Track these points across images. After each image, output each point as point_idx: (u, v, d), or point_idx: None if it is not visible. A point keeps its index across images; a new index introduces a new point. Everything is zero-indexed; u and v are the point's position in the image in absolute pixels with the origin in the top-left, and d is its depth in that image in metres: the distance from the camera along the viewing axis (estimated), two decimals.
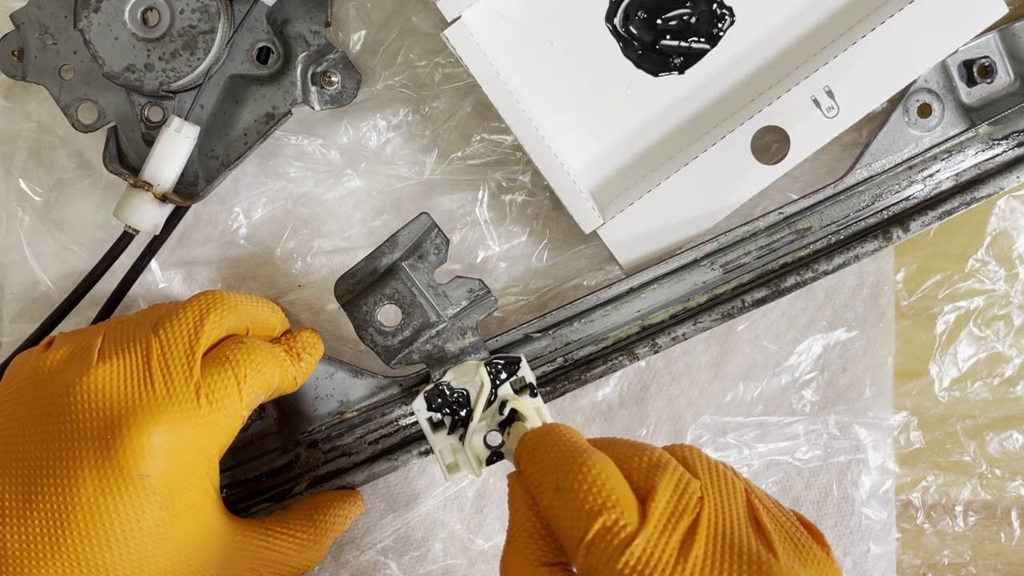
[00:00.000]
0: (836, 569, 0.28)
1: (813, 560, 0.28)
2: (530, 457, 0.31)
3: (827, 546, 0.29)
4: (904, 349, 0.45)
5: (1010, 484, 0.45)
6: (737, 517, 0.28)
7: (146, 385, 0.33)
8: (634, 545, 0.26)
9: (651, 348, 0.41)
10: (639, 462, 0.29)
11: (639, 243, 0.41)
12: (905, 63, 0.40)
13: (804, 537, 0.29)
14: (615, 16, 0.41)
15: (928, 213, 0.41)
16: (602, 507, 0.27)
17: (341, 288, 0.39)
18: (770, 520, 0.28)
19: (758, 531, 0.28)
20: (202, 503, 0.34)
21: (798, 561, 0.27)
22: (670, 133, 0.42)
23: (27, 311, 0.44)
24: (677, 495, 0.28)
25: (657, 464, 0.29)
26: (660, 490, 0.28)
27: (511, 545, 0.30)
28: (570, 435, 0.31)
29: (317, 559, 0.39)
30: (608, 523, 0.27)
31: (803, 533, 0.29)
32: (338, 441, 0.41)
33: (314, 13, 0.40)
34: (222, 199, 0.44)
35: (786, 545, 0.28)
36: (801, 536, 0.29)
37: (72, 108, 0.40)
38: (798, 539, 0.28)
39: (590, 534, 0.27)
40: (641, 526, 0.27)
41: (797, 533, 0.29)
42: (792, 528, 0.29)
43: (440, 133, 0.44)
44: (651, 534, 0.27)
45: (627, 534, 0.27)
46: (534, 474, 0.30)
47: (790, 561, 0.27)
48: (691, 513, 0.27)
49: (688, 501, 0.28)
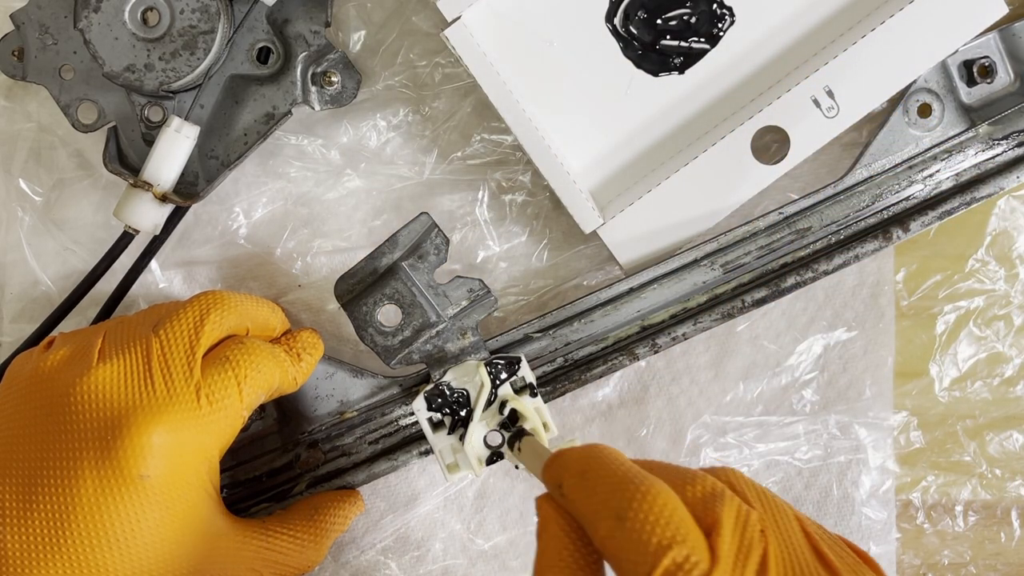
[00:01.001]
0: None
1: None
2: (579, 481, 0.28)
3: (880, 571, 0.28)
4: (904, 349, 0.45)
5: (1010, 484, 0.45)
6: (801, 550, 0.27)
7: (146, 385, 0.32)
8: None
9: (651, 348, 0.41)
10: (694, 491, 0.27)
11: (639, 243, 0.41)
12: (905, 63, 0.40)
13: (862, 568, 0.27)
14: (615, 16, 0.41)
15: (928, 213, 0.41)
16: (672, 540, 0.25)
17: (341, 288, 0.39)
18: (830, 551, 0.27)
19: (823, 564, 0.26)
20: (202, 503, 0.34)
21: None
22: (670, 133, 0.42)
23: (27, 311, 0.44)
24: (740, 528, 0.26)
25: (713, 494, 0.27)
26: (724, 523, 0.26)
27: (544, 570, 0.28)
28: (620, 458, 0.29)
29: (317, 559, 0.39)
30: (679, 559, 0.25)
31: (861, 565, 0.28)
32: (338, 441, 0.41)
33: (314, 13, 0.40)
34: (222, 199, 0.44)
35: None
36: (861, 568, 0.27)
37: (72, 108, 0.40)
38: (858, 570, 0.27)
39: (659, 570, 0.25)
40: (714, 564, 0.25)
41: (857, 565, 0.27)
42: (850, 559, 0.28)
43: (440, 133, 0.44)
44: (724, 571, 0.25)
45: (700, 572, 0.25)
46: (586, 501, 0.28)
47: None
48: (758, 548, 0.26)
49: (752, 535, 0.26)
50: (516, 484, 0.44)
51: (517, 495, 0.44)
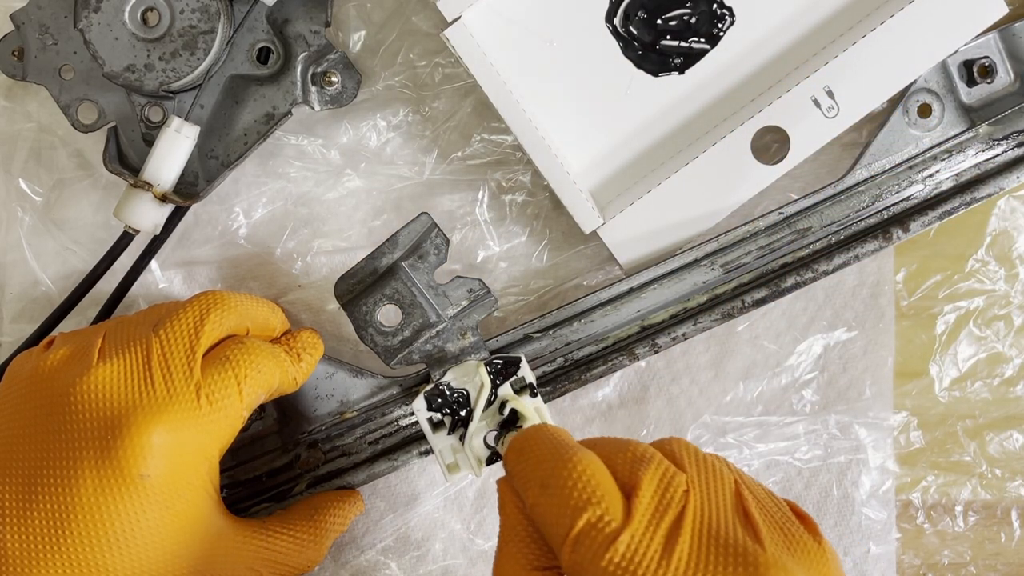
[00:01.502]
0: (827, 559, 0.28)
1: (803, 550, 0.27)
2: (516, 457, 0.31)
3: (820, 536, 0.28)
4: (904, 349, 0.45)
5: (1010, 484, 0.45)
6: (724, 509, 0.28)
7: (146, 385, 0.33)
8: (619, 541, 0.26)
9: (651, 348, 0.41)
10: (623, 457, 0.29)
11: (639, 243, 0.41)
12: (905, 63, 0.40)
13: (795, 527, 0.28)
14: (615, 16, 0.41)
15: (928, 213, 0.41)
16: (587, 503, 0.27)
17: (341, 288, 0.39)
18: (759, 511, 0.28)
19: (746, 522, 0.27)
20: (202, 503, 0.34)
21: (787, 551, 0.27)
22: (670, 133, 0.42)
23: (27, 311, 0.44)
24: (662, 489, 0.28)
25: (642, 458, 0.29)
26: (644, 484, 0.27)
27: (502, 550, 0.30)
28: (557, 434, 0.31)
29: (317, 559, 0.39)
30: (593, 519, 0.27)
31: (794, 523, 0.29)
32: (338, 441, 0.41)
33: (314, 13, 0.40)
34: (222, 199, 0.44)
35: (775, 535, 0.27)
36: (792, 526, 0.28)
37: (72, 108, 0.40)
38: (788, 529, 0.28)
39: (575, 530, 0.27)
40: (626, 521, 0.27)
41: (788, 523, 0.28)
42: (783, 518, 0.29)
43: (440, 133, 0.44)
44: (636, 529, 0.26)
45: (612, 530, 0.26)
46: (520, 474, 0.30)
47: (778, 551, 0.26)
48: (676, 507, 0.27)
49: (673, 495, 0.27)
50: None
51: None
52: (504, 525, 0.30)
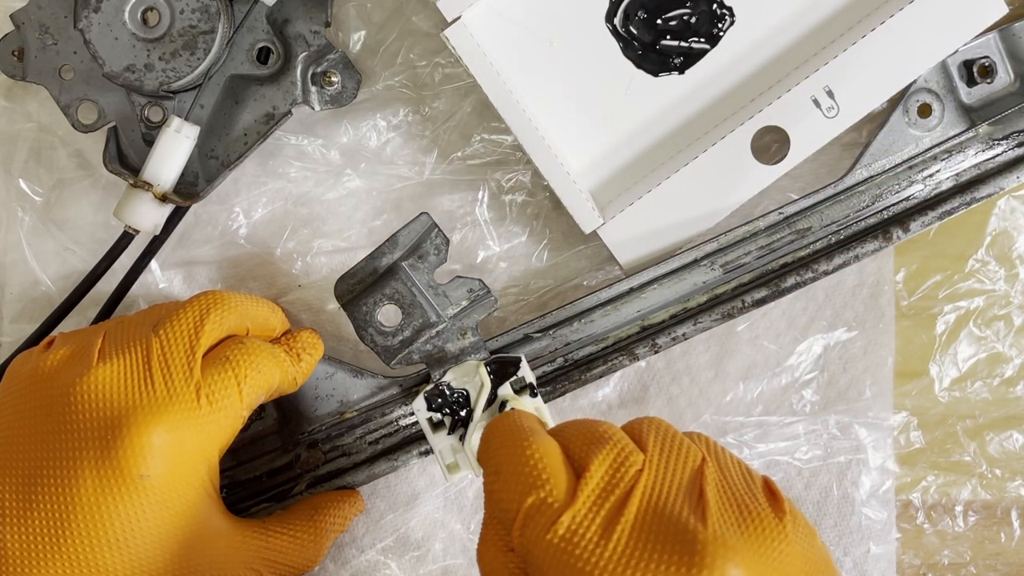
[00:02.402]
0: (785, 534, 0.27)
1: (754, 525, 0.27)
2: (484, 445, 0.32)
3: (783, 512, 0.27)
4: (904, 349, 0.44)
5: (1010, 484, 0.45)
6: (676, 488, 0.28)
7: (146, 385, 0.33)
8: (559, 521, 0.26)
9: (651, 348, 0.41)
10: (582, 440, 0.29)
11: (639, 243, 0.41)
12: (905, 63, 0.40)
13: (755, 504, 0.28)
14: (615, 16, 0.41)
15: (928, 213, 0.41)
16: (532, 485, 0.28)
17: (341, 288, 0.39)
18: (716, 489, 0.28)
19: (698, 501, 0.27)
20: (202, 503, 0.34)
21: (736, 528, 0.26)
22: (670, 133, 0.42)
23: (27, 311, 0.44)
24: (613, 469, 0.28)
25: (599, 439, 0.29)
26: (593, 466, 0.28)
27: (482, 532, 0.31)
28: (520, 420, 0.32)
29: (317, 559, 0.39)
30: (537, 500, 0.27)
31: (757, 500, 0.28)
32: (338, 441, 0.41)
33: (314, 13, 0.40)
34: (222, 199, 0.44)
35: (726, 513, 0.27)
36: (752, 503, 0.28)
37: (72, 108, 0.40)
38: (746, 506, 0.27)
39: (521, 511, 0.27)
40: (570, 501, 0.27)
41: (749, 500, 0.28)
42: (746, 496, 0.28)
43: (440, 133, 0.44)
44: (578, 509, 0.27)
45: (554, 510, 0.27)
46: (483, 460, 0.31)
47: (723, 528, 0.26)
48: (624, 487, 0.27)
49: (624, 475, 0.28)
50: None
51: None
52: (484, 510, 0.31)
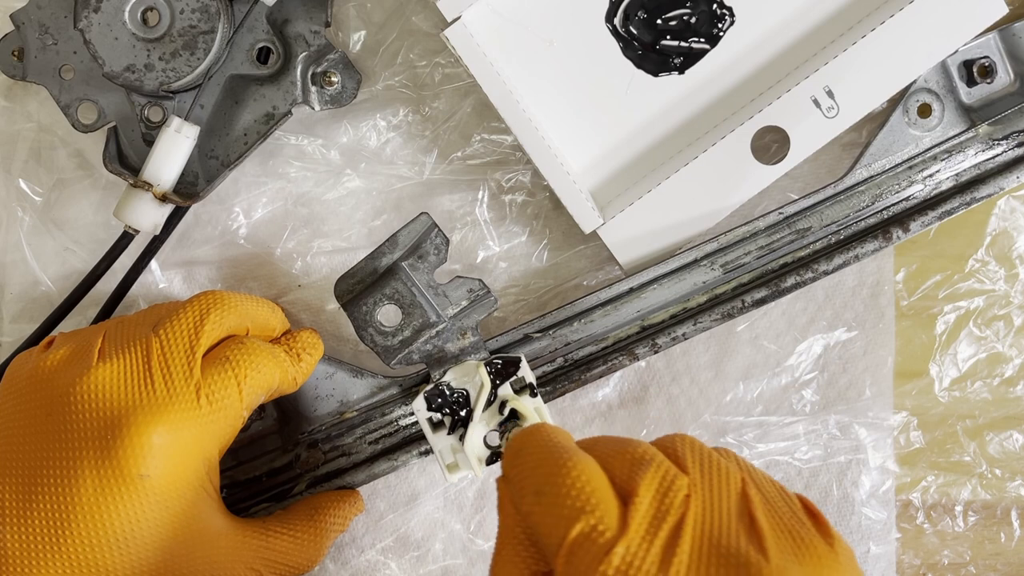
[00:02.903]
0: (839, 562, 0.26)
1: (812, 556, 0.26)
2: (513, 460, 0.29)
3: (831, 536, 0.27)
4: (904, 349, 0.45)
5: (1010, 484, 0.45)
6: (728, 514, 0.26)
7: (146, 385, 0.33)
8: (614, 552, 0.25)
9: (651, 348, 0.41)
10: (622, 460, 0.28)
11: (639, 243, 0.41)
12: (905, 63, 0.40)
13: (805, 530, 0.27)
14: (615, 16, 0.41)
15: (928, 213, 0.41)
16: (580, 511, 0.26)
17: (341, 288, 0.39)
18: (765, 514, 0.27)
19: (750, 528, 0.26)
20: (202, 503, 0.34)
21: (794, 558, 0.25)
22: (670, 133, 0.42)
23: (27, 311, 0.44)
24: (661, 495, 0.26)
25: (640, 461, 0.27)
26: (641, 490, 0.26)
27: (500, 553, 0.28)
28: (554, 436, 0.30)
29: (317, 559, 0.39)
30: (586, 529, 0.25)
31: (805, 525, 0.27)
32: (338, 441, 0.41)
33: (314, 13, 0.40)
34: (222, 199, 0.44)
35: (782, 541, 0.26)
36: (802, 529, 0.27)
37: (72, 108, 0.40)
38: (797, 532, 0.26)
39: (568, 540, 0.25)
40: (622, 531, 0.25)
41: (798, 526, 0.27)
42: (792, 520, 0.27)
43: (440, 133, 0.44)
44: (632, 539, 0.25)
45: (606, 540, 0.25)
46: (516, 478, 0.29)
47: (784, 560, 0.25)
48: (675, 514, 0.26)
49: (673, 500, 0.26)
50: None
51: None
52: (502, 525, 0.29)
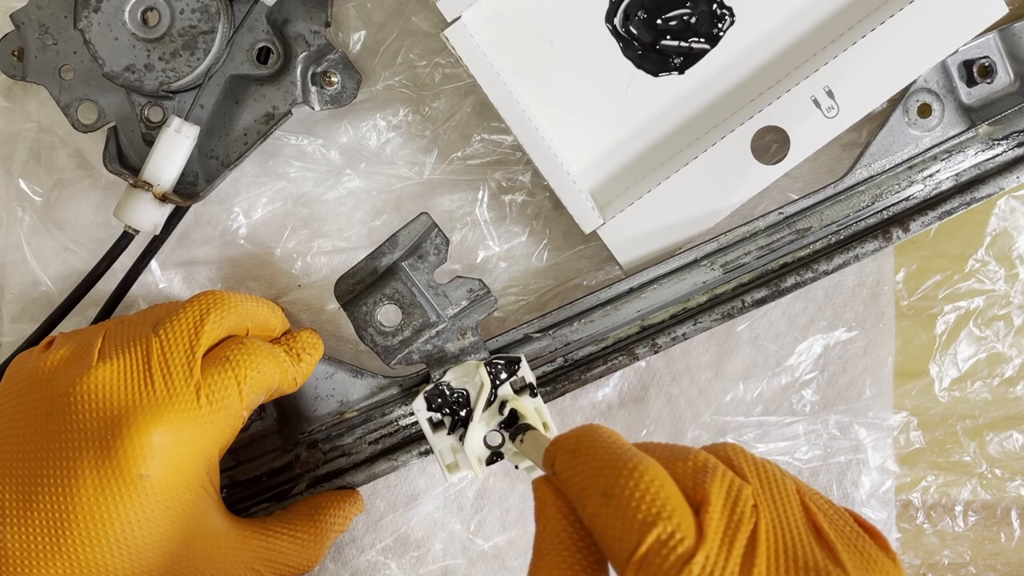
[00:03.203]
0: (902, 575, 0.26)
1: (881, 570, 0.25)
2: (570, 459, 0.28)
3: (891, 551, 0.26)
4: (904, 349, 0.45)
5: (1010, 484, 0.45)
6: (796, 525, 0.26)
7: (146, 385, 0.33)
8: (693, 562, 0.24)
9: (651, 348, 0.41)
10: (684, 466, 0.27)
11: (639, 243, 0.41)
12: (905, 63, 0.40)
13: (867, 544, 0.26)
14: (615, 16, 0.41)
15: (928, 213, 0.41)
16: (656, 517, 0.25)
17: (341, 288, 0.39)
18: (830, 526, 0.26)
19: (819, 539, 0.26)
20: (202, 503, 0.34)
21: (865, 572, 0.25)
22: (670, 133, 0.42)
23: (27, 311, 0.44)
24: (731, 503, 0.25)
25: (704, 468, 0.26)
26: (713, 499, 0.25)
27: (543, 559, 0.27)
28: (613, 436, 0.29)
29: (317, 559, 0.39)
30: (663, 536, 0.24)
31: (865, 539, 0.27)
32: (338, 441, 0.41)
33: (314, 13, 0.40)
34: (222, 199, 0.44)
35: (852, 555, 0.25)
36: (863, 543, 0.26)
37: (72, 108, 0.40)
38: (862, 547, 0.26)
39: (643, 547, 0.24)
40: (700, 540, 0.24)
41: (859, 540, 0.26)
42: (853, 534, 0.27)
43: (440, 133, 0.44)
44: (710, 548, 0.24)
45: (685, 549, 0.24)
46: (576, 478, 0.27)
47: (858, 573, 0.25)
48: (748, 523, 0.25)
49: (743, 510, 0.25)
50: (516, 484, 0.44)
51: (517, 495, 0.44)
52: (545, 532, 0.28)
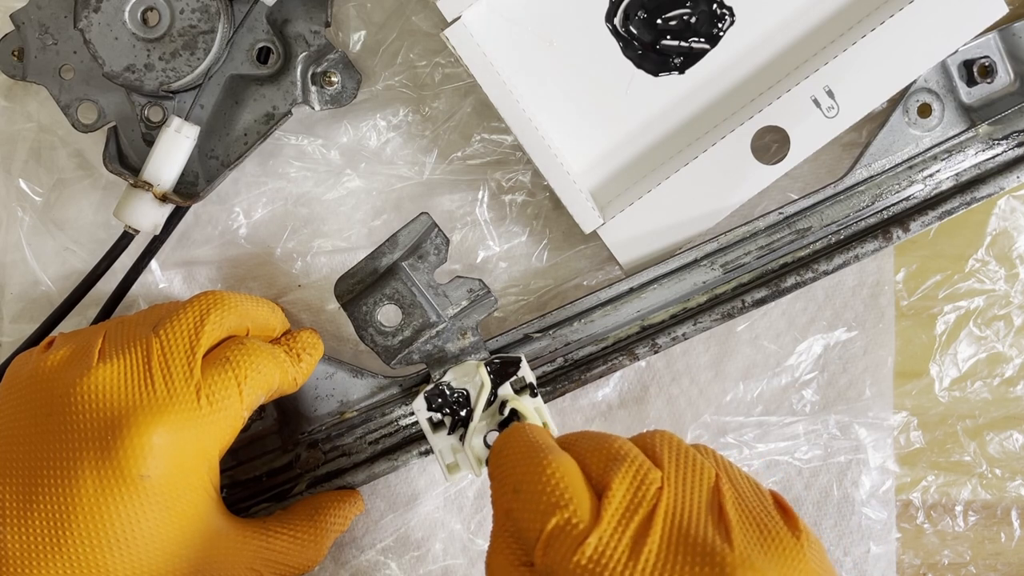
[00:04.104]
0: (804, 554, 0.27)
1: (777, 546, 0.27)
2: (495, 459, 0.31)
3: (799, 529, 0.28)
4: (904, 349, 0.45)
5: (1010, 484, 0.45)
6: (698, 507, 0.28)
7: (147, 385, 0.33)
8: (586, 543, 0.26)
9: (651, 348, 0.41)
10: (598, 456, 0.29)
11: (639, 243, 0.41)
12: (905, 63, 0.40)
13: (773, 521, 0.28)
14: (615, 16, 0.41)
15: (928, 213, 0.41)
16: (555, 506, 0.27)
17: (341, 288, 0.39)
18: (735, 506, 0.28)
19: (719, 519, 0.27)
20: (202, 503, 0.34)
21: (759, 548, 0.27)
22: (670, 133, 0.42)
23: (27, 311, 0.44)
24: (634, 488, 0.28)
25: (615, 456, 0.29)
26: (615, 485, 0.27)
27: (493, 545, 0.30)
28: (534, 435, 0.31)
29: (317, 559, 0.39)
30: (561, 522, 0.27)
31: (773, 517, 0.28)
32: (338, 441, 0.41)
33: (314, 13, 0.40)
34: (222, 199, 0.44)
35: (749, 532, 0.27)
36: (770, 520, 0.28)
37: (72, 108, 0.40)
38: (765, 524, 0.28)
39: (545, 533, 0.27)
40: (594, 523, 0.27)
41: (766, 518, 0.28)
42: (762, 512, 0.28)
43: (440, 133, 0.44)
44: (604, 531, 0.26)
45: (579, 532, 0.26)
46: (497, 476, 0.30)
47: (748, 549, 0.26)
48: (647, 506, 0.27)
49: (645, 494, 0.27)
50: None
51: None
52: (494, 519, 0.30)
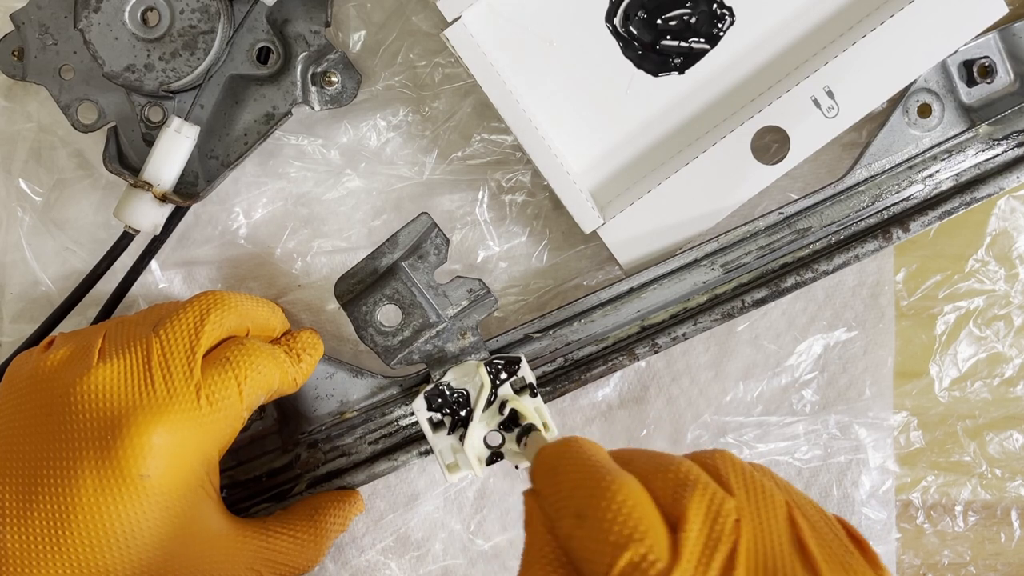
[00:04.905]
0: None
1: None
2: (548, 477, 0.28)
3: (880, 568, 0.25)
4: (904, 349, 0.45)
5: (1010, 484, 0.45)
6: (779, 542, 0.25)
7: (147, 385, 0.33)
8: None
9: (651, 348, 0.41)
10: (664, 481, 0.26)
11: (639, 243, 0.41)
12: (905, 63, 0.40)
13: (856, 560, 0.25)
14: (615, 16, 0.41)
15: (928, 213, 0.41)
16: (628, 539, 0.24)
17: (341, 288, 0.39)
18: (816, 542, 0.25)
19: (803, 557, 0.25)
20: (202, 503, 0.34)
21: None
22: (670, 133, 0.42)
23: (27, 311, 0.44)
24: (710, 521, 0.25)
25: (684, 482, 0.26)
26: (691, 516, 0.25)
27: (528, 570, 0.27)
28: (592, 451, 0.28)
29: (317, 559, 0.39)
30: (635, 559, 0.24)
31: (853, 554, 0.26)
32: (338, 441, 0.41)
33: (314, 13, 0.40)
34: (222, 199, 0.44)
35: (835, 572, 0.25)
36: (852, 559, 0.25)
37: (72, 108, 0.40)
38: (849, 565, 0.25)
39: (615, 571, 0.24)
40: (674, 561, 0.24)
41: (847, 556, 0.25)
42: (840, 549, 0.26)
43: (440, 133, 0.44)
44: (684, 570, 0.24)
45: (657, 572, 0.23)
46: (552, 497, 0.27)
47: None
48: (727, 542, 0.24)
49: (723, 526, 0.25)
50: (516, 484, 0.44)
51: (517, 495, 0.44)
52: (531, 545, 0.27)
